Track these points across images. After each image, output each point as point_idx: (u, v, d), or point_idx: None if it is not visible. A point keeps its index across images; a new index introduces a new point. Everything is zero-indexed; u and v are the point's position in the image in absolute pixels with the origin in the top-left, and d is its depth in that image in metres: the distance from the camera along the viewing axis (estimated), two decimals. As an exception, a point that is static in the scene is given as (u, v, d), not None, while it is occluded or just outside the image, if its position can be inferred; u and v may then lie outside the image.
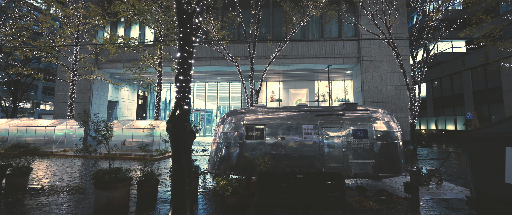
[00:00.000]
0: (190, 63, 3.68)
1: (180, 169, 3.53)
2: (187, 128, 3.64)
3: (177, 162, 3.54)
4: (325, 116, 5.84)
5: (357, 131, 5.59)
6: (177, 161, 3.54)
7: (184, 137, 3.59)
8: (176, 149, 3.55)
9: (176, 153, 3.54)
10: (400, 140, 5.65)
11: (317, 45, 19.70)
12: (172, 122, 3.53)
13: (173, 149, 3.57)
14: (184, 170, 3.55)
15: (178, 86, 3.63)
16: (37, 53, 15.15)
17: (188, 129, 3.65)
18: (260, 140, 5.88)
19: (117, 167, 4.29)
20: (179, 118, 3.56)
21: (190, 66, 3.69)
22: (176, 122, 3.54)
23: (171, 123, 3.53)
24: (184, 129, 3.58)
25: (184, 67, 3.62)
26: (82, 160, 10.48)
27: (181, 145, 3.57)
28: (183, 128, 3.57)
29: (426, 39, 12.20)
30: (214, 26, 13.97)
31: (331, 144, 5.63)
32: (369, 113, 5.82)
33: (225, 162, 5.87)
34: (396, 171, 5.48)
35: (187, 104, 3.62)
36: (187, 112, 3.63)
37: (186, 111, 3.62)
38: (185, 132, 3.59)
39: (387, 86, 18.68)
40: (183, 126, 3.56)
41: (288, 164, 5.68)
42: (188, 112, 3.67)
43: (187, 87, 3.63)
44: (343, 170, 5.48)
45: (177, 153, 3.54)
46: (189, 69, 3.66)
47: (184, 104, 3.59)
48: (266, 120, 6.03)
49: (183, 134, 3.57)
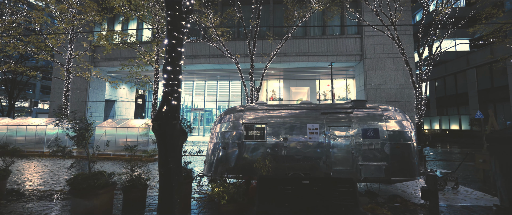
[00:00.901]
0: (179, 52, 3.18)
1: (168, 174, 3.04)
2: (176, 126, 3.14)
3: (164, 167, 3.05)
4: (331, 114, 5.34)
5: (367, 130, 5.09)
6: (164, 165, 3.04)
7: (173, 137, 3.09)
8: (163, 151, 3.05)
9: (163, 156, 3.04)
10: (414, 140, 5.15)
11: (318, 42, 19.19)
12: (158, 119, 3.04)
13: (160, 151, 3.07)
14: (172, 176, 3.05)
15: (165, 78, 3.13)
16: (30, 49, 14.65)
17: (177, 127, 3.15)
18: (260, 140, 5.39)
19: (99, 171, 3.80)
20: (166, 115, 3.06)
21: (180, 55, 3.19)
22: (163, 120, 3.04)
23: (157, 121, 3.03)
24: (172, 127, 3.08)
25: (172, 56, 3.12)
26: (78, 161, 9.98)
27: (169, 146, 3.07)
28: (172, 127, 3.07)
29: (434, 35, 11.66)
30: (213, 22, 13.47)
31: (338, 145, 5.13)
32: (380, 110, 5.32)
33: (222, 164, 5.37)
34: (410, 174, 4.98)
35: (176, 99, 3.12)
36: (176, 108, 3.14)
37: (175, 106, 3.12)
38: (173, 132, 3.09)
39: (391, 85, 18.17)
40: (171, 124, 3.06)
41: (291, 166, 5.19)
42: (178, 108, 3.17)
43: (176, 79, 3.13)
44: (352, 174, 4.98)
45: (164, 156, 3.04)
46: (178, 59, 3.16)
47: (173, 99, 3.09)
48: (267, 118, 5.53)
49: (172, 133, 3.07)
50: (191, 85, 27.50)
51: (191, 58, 20.24)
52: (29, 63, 36.54)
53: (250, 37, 14.05)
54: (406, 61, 13.06)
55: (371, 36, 18.54)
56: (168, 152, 3.06)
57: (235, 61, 13.98)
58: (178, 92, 3.13)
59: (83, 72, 15.87)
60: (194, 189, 5.67)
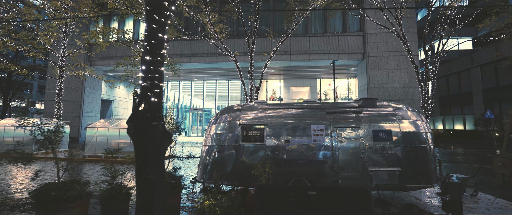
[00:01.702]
0: (161, 39, 2.65)
1: (147, 186, 2.51)
2: (158, 128, 2.61)
3: (142, 177, 2.51)
4: (338, 114, 4.81)
5: (379, 132, 4.56)
6: (142, 175, 2.51)
7: (153, 141, 2.56)
8: (141, 158, 2.52)
9: (141, 165, 2.51)
10: (431, 142, 4.62)
11: (320, 40, 18.66)
12: (134, 120, 2.50)
13: (137, 158, 2.54)
14: (153, 189, 2.52)
15: (144, 70, 2.60)
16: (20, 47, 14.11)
17: (159, 129, 2.62)
18: (259, 142, 4.86)
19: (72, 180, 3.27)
20: (144, 114, 2.52)
21: (162, 43, 2.66)
22: (141, 121, 2.51)
23: (133, 122, 2.50)
24: (152, 130, 2.55)
25: (152, 43, 2.59)
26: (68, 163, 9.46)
27: (149, 152, 2.54)
28: (151, 129, 2.54)
29: (442, 31, 11.14)
30: (211, 18, 12.95)
31: (346, 148, 4.60)
32: (392, 109, 4.79)
33: (217, 170, 4.85)
34: (427, 181, 4.45)
35: (156, 96, 2.59)
36: (157, 106, 2.61)
37: (156, 104, 2.59)
38: (154, 135, 2.56)
39: (394, 84, 17.65)
40: (150, 126, 2.53)
41: (294, 172, 4.66)
42: (159, 107, 2.64)
43: (157, 72, 2.60)
44: (362, 180, 4.45)
45: (142, 164, 2.51)
46: (159, 47, 2.63)
47: (153, 96, 2.56)
48: (267, 118, 5.01)
49: (152, 137, 2.54)
50: (190, 84, 26.99)
51: (189, 57, 19.72)
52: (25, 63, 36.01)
53: (250, 34, 13.52)
54: (412, 58, 12.54)
55: (374, 33, 18.03)
56: (148, 158, 2.53)
57: (234, 59, 13.46)
58: (159, 87, 2.60)
59: (76, 71, 15.31)
60: (186, 196, 5.14)
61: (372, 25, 17.93)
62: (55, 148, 3.34)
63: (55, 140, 3.28)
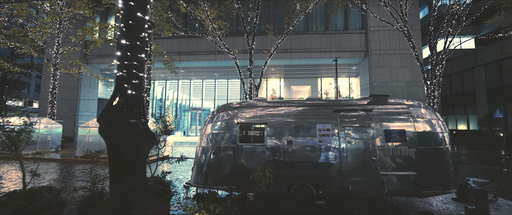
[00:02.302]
0: (141, 20, 2.21)
1: (123, 197, 2.06)
2: (137, 127, 2.16)
3: (116, 187, 2.07)
4: (346, 112, 4.37)
5: (392, 132, 4.12)
6: (117, 184, 2.07)
7: (131, 142, 2.12)
8: (115, 163, 2.08)
9: (115, 171, 2.07)
10: (449, 144, 4.19)
11: (321, 38, 18.23)
12: (106, 117, 2.06)
13: (111, 163, 2.09)
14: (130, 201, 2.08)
15: (119, 57, 2.15)
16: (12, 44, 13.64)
17: (138, 129, 2.18)
18: (259, 143, 4.42)
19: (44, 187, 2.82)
20: (119, 111, 2.08)
21: (142, 25, 2.22)
22: (115, 118, 2.07)
23: (105, 120, 2.05)
24: (129, 129, 2.10)
25: (129, 25, 2.14)
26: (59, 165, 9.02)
27: (126, 156, 2.10)
28: (128, 128, 2.10)
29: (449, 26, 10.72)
30: (209, 14, 12.51)
31: (356, 149, 4.17)
32: (406, 107, 4.35)
33: (213, 173, 4.41)
34: (444, 186, 4.02)
35: (135, 88, 2.15)
36: (136, 100, 2.16)
37: (134, 98, 2.14)
38: (132, 135, 2.12)
39: (397, 83, 17.23)
40: (127, 124, 2.09)
41: (297, 176, 4.22)
42: (139, 101, 2.19)
43: (136, 59, 2.15)
44: (373, 185, 4.02)
45: (116, 171, 2.07)
46: (139, 29, 2.18)
47: (130, 88, 2.12)
48: (268, 117, 4.57)
49: (129, 137, 2.10)
50: (188, 83, 26.55)
51: (187, 55, 19.27)
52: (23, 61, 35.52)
53: (249, 30, 13.08)
54: (417, 56, 12.11)
55: (377, 31, 17.60)
56: (124, 164, 2.08)
57: (233, 56, 13.03)
58: (138, 77, 2.16)
59: (71, 69, 14.84)
60: (179, 202, 4.69)
61: (375, 23, 17.50)
62: (20, 150, 2.88)
63: (17, 142, 2.83)
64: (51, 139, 11.58)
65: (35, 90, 45.89)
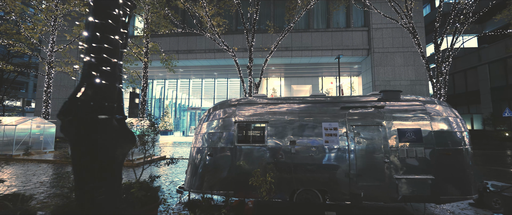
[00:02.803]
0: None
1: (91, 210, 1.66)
2: (110, 124, 1.76)
3: (82, 197, 1.67)
4: (355, 109, 3.98)
5: (406, 131, 3.72)
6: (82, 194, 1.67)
7: (102, 143, 1.72)
8: (79, 168, 1.68)
9: (80, 178, 1.67)
10: (468, 144, 3.79)
11: (323, 36, 17.84)
12: (68, 113, 1.66)
13: (75, 169, 1.70)
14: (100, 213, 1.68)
15: (87, 38, 1.75)
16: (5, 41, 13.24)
17: (112, 126, 1.78)
18: (259, 144, 4.03)
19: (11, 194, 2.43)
20: (85, 104, 1.68)
21: None
22: (80, 113, 1.67)
23: (66, 116, 1.65)
24: (98, 127, 1.71)
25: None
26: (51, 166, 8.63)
27: (95, 160, 1.70)
28: (97, 126, 1.70)
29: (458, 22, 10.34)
30: (208, 11, 12.13)
31: (366, 150, 3.77)
32: (421, 104, 3.96)
33: (208, 177, 4.02)
34: (465, 191, 3.62)
35: (106, 77, 1.75)
36: (108, 91, 1.76)
37: (104, 89, 1.74)
38: (102, 134, 1.72)
39: (401, 81, 16.83)
40: (95, 121, 1.69)
41: (301, 180, 3.83)
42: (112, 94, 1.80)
43: (107, 40, 1.75)
44: (385, 190, 3.62)
45: (81, 178, 1.67)
46: (111, 5, 1.79)
47: (100, 77, 1.72)
48: (268, 115, 4.17)
49: (97, 137, 1.70)
50: (188, 83, 26.18)
51: (186, 53, 18.89)
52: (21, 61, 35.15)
53: (249, 26, 12.69)
54: (422, 53, 11.72)
55: (379, 29, 17.21)
56: (92, 170, 1.68)
57: (232, 53, 12.64)
58: (111, 64, 1.76)
59: (66, 67, 14.44)
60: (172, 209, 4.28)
61: (378, 20, 17.12)
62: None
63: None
64: (43, 139, 11.19)
65: (33, 90, 45.53)
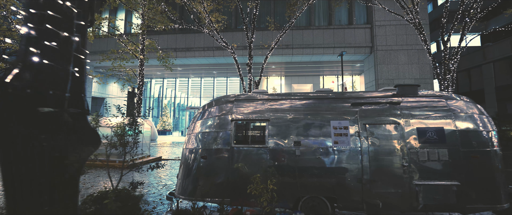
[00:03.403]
0: None
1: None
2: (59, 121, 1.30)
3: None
4: (368, 106, 3.52)
5: (427, 131, 3.27)
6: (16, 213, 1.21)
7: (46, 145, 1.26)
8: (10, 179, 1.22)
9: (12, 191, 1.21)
10: (497, 145, 3.34)
11: (324, 33, 17.39)
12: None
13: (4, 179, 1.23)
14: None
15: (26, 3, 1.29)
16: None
17: (63, 123, 1.31)
18: (259, 145, 3.58)
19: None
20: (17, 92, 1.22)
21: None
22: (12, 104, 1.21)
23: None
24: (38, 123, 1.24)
25: None
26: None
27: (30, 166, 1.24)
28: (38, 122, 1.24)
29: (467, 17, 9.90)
30: (206, 6, 11.69)
31: (381, 152, 3.32)
32: (443, 100, 3.50)
33: (202, 182, 3.56)
34: (494, 200, 3.17)
35: (51, 56, 1.29)
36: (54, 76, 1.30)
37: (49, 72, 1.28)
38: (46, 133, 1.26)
39: (405, 80, 16.36)
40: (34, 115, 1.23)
41: (307, 185, 3.37)
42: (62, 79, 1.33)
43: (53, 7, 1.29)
44: (404, 198, 3.17)
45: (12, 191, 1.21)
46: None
47: (41, 55, 1.26)
48: (270, 112, 3.72)
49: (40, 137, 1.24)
50: (186, 82, 25.76)
51: (184, 51, 18.44)
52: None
53: (248, 22, 12.25)
54: (429, 50, 11.28)
55: (383, 26, 16.75)
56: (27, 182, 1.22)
57: (231, 51, 12.21)
58: (59, 38, 1.30)
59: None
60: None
61: (381, 17, 16.67)
62: None
63: None
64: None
65: (31, 90, 45.21)
